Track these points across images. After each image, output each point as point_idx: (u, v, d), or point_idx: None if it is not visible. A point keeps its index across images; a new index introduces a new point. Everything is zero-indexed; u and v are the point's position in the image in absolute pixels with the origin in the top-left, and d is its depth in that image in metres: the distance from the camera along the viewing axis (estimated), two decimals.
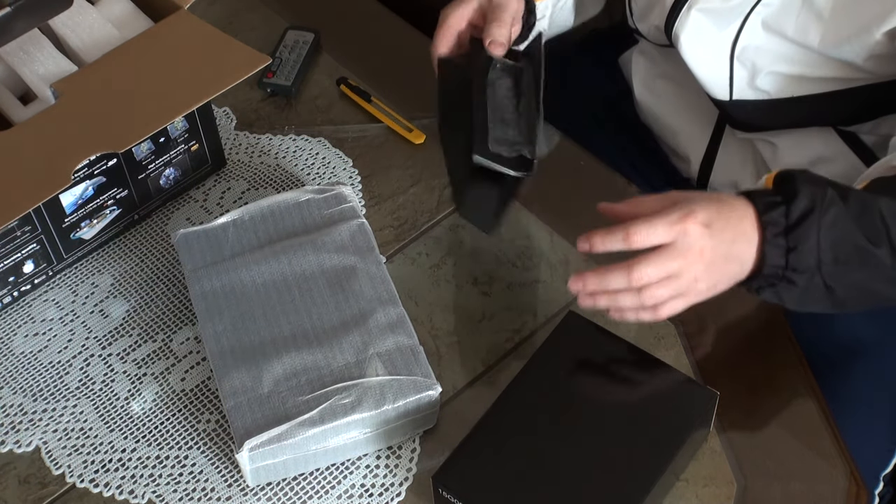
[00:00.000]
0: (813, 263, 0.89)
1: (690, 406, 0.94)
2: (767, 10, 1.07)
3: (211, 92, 1.05)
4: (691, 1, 1.10)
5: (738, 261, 0.90)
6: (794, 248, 0.88)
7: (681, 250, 0.88)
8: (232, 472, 0.98)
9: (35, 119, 1.05)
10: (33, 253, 1.08)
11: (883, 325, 1.13)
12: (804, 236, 0.88)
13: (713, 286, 0.91)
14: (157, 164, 1.13)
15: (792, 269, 0.89)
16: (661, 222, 0.88)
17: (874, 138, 1.13)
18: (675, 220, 0.88)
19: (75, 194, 1.07)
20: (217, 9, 1.40)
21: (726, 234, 0.89)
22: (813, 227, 0.88)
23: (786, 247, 0.88)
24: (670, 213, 0.88)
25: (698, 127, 1.24)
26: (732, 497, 0.94)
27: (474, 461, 0.91)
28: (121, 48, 1.10)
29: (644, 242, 0.88)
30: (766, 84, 1.11)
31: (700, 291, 0.91)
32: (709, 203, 0.89)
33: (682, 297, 0.91)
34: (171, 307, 1.10)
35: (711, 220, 0.88)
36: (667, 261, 0.88)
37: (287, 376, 0.96)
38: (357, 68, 1.31)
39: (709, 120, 1.23)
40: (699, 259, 0.88)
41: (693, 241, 0.88)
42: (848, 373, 1.10)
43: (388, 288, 1.03)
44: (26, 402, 1.03)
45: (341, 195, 1.10)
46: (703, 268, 0.89)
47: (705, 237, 0.88)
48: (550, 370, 0.96)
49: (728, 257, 0.89)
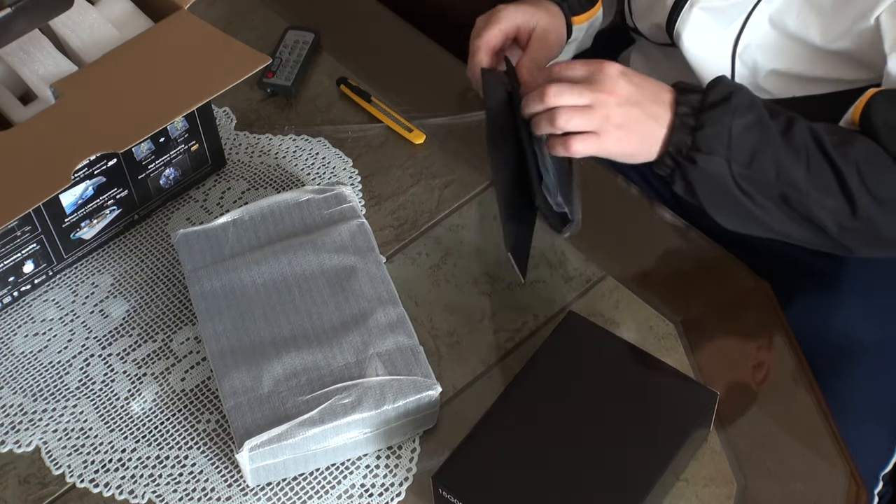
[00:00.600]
0: (720, 148, 0.92)
1: (690, 406, 0.94)
2: (770, 8, 1.07)
3: (211, 92, 1.05)
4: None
5: (653, 118, 0.94)
6: (700, 127, 0.93)
7: (595, 83, 0.93)
8: (232, 472, 0.98)
9: (35, 119, 1.05)
10: (33, 253, 1.08)
11: (883, 326, 1.13)
12: (713, 120, 0.93)
13: (627, 132, 0.95)
14: (157, 164, 1.13)
15: (696, 149, 0.93)
16: (579, 62, 0.95)
17: None
18: (596, 61, 0.94)
19: (75, 194, 1.07)
20: (217, 9, 1.40)
21: (644, 92, 0.94)
22: (725, 115, 0.93)
23: (692, 125, 0.93)
24: (591, 61, 0.95)
25: None
26: (732, 497, 0.94)
27: (474, 461, 0.91)
28: (121, 48, 1.10)
29: (562, 72, 0.94)
30: (768, 83, 1.11)
31: (612, 134, 0.94)
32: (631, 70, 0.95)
33: (594, 134, 0.94)
34: (171, 307, 1.10)
35: (630, 73, 0.94)
36: (581, 88, 0.93)
37: (287, 376, 0.96)
38: (357, 68, 1.31)
39: None
40: (612, 95, 0.93)
41: (608, 78, 0.93)
42: (847, 373, 1.10)
43: (388, 288, 1.03)
44: (26, 402, 1.03)
45: (341, 195, 1.10)
46: (616, 107, 0.93)
47: (622, 80, 0.93)
48: (550, 370, 0.96)
49: (643, 109, 0.94)
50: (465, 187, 1.17)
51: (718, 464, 0.96)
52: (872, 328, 1.13)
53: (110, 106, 1.06)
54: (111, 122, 1.04)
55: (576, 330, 0.99)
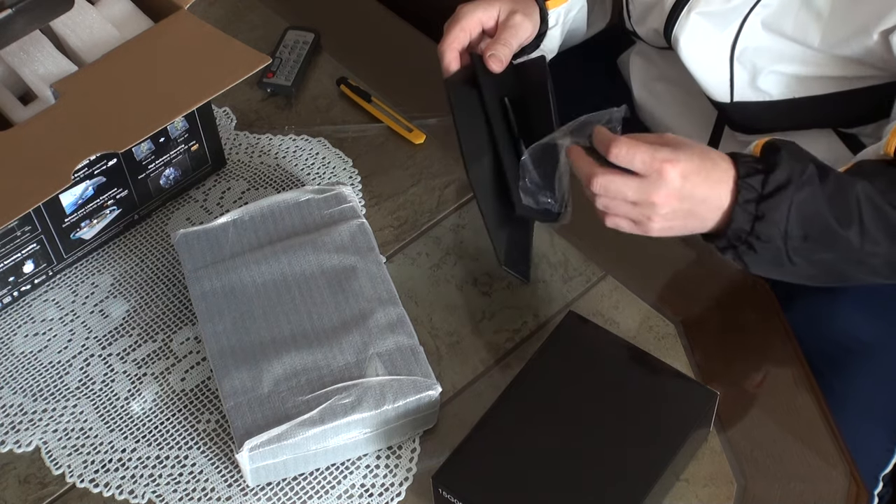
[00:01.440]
0: (777, 235, 0.91)
1: (690, 406, 0.94)
2: (766, 11, 1.07)
3: (211, 92, 1.05)
4: (691, 4, 1.10)
5: (699, 219, 0.92)
6: (762, 216, 0.90)
7: (649, 187, 0.90)
8: (232, 472, 0.98)
9: (35, 119, 1.05)
10: (33, 253, 1.08)
11: (882, 325, 1.13)
12: (774, 207, 0.90)
13: (666, 230, 0.94)
14: (157, 164, 1.13)
15: (756, 237, 0.91)
16: (644, 151, 0.90)
17: (875, 141, 1.13)
18: (657, 158, 0.89)
19: (75, 194, 1.07)
20: (217, 9, 1.40)
21: (699, 191, 0.91)
22: (785, 201, 0.90)
23: (754, 214, 0.90)
24: (659, 149, 0.90)
25: (697, 129, 1.24)
26: (732, 497, 0.94)
27: (474, 461, 0.91)
28: (121, 48, 1.10)
29: (621, 159, 0.90)
30: (767, 85, 1.11)
31: (651, 230, 0.93)
32: (694, 155, 0.91)
33: (631, 223, 0.94)
34: (171, 307, 1.10)
35: (690, 174, 0.90)
36: (631, 188, 0.91)
37: (287, 376, 0.96)
38: (357, 68, 1.31)
39: (707, 122, 1.23)
40: (662, 204, 0.91)
41: (664, 186, 0.90)
42: (847, 372, 1.10)
43: (388, 288, 1.03)
44: (26, 402, 1.03)
45: (341, 195, 1.10)
46: (662, 213, 0.91)
47: (676, 187, 0.90)
48: (550, 370, 0.96)
49: (691, 213, 0.92)
50: (465, 187, 1.17)
51: (718, 464, 0.96)
52: (872, 328, 1.13)
53: (110, 106, 1.06)
54: (111, 122, 1.04)
55: (576, 330, 1.00)
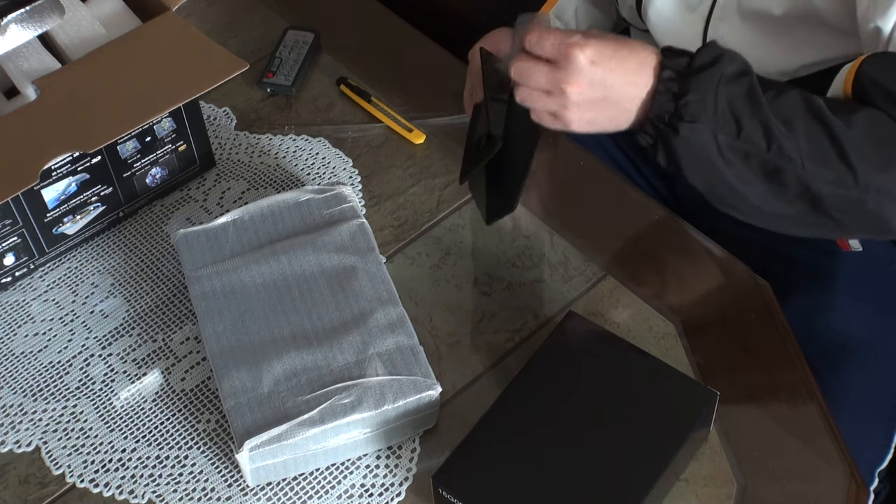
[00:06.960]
0: (704, 117, 0.85)
1: (690, 406, 0.94)
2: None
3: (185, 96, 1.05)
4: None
5: (619, 108, 0.88)
6: (684, 93, 0.86)
7: (558, 73, 0.87)
8: (232, 472, 0.98)
9: (12, 115, 1.04)
10: (14, 246, 1.08)
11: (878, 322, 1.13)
12: (698, 86, 0.85)
13: (586, 124, 0.90)
14: (143, 163, 1.13)
15: (679, 117, 0.86)
16: (554, 36, 0.87)
17: None
18: (565, 42, 0.86)
19: (58, 190, 1.07)
20: (217, 9, 1.40)
21: (611, 77, 0.87)
22: (712, 80, 0.85)
23: (676, 92, 0.86)
24: (570, 35, 0.87)
25: None
26: (732, 497, 0.94)
27: (474, 461, 0.91)
28: (104, 48, 1.10)
29: (533, 45, 0.88)
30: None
31: (570, 121, 0.90)
32: (608, 42, 0.88)
33: (552, 116, 0.91)
34: (171, 307, 1.10)
35: (602, 59, 0.87)
36: (543, 73, 0.88)
37: (287, 376, 0.96)
38: (357, 68, 1.32)
39: None
40: (572, 91, 0.87)
41: (571, 70, 0.87)
42: (843, 369, 1.10)
43: (388, 288, 1.03)
44: (26, 402, 1.03)
45: (341, 195, 1.10)
46: (575, 101, 0.88)
47: (585, 72, 0.86)
48: (550, 370, 0.96)
49: (606, 101, 0.88)
50: (465, 187, 1.17)
51: (718, 464, 0.96)
52: (868, 324, 1.13)
53: (87, 105, 1.05)
54: (86, 122, 1.03)
55: (576, 330, 1.00)
